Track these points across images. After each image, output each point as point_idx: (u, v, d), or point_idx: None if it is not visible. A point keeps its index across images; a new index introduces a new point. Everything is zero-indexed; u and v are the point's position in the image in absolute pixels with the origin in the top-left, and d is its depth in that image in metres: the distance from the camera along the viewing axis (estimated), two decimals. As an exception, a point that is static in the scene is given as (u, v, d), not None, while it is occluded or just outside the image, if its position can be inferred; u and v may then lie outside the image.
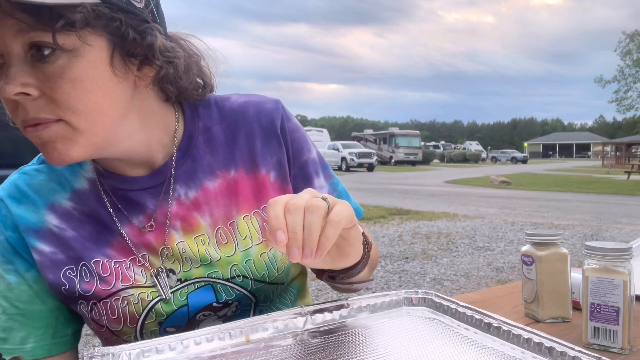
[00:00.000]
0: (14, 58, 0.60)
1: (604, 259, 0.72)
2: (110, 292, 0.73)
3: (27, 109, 0.62)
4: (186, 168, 0.77)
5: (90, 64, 0.62)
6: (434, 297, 0.79)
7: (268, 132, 0.81)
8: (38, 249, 0.74)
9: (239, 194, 0.79)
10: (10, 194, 0.76)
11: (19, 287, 0.74)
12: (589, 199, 12.14)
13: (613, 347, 0.72)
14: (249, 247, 0.77)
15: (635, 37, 33.31)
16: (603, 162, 41.35)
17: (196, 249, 0.76)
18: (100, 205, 0.77)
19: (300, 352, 0.64)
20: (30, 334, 0.74)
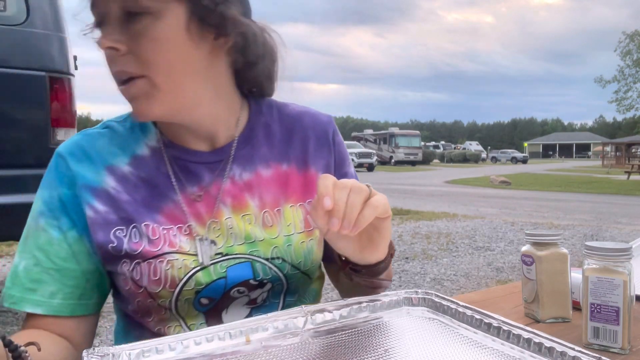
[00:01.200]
0: (111, 18, 0.72)
1: (604, 259, 0.72)
2: (156, 253, 0.76)
3: (117, 62, 0.72)
4: (245, 152, 0.85)
5: (168, 26, 0.72)
6: (434, 297, 0.79)
7: (321, 139, 0.91)
8: (93, 206, 0.77)
9: (289, 185, 0.86)
10: (72, 152, 0.80)
11: (59, 244, 0.77)
12: (589, 199, 12.15)
13: (613, 347, 0.72)
14: (291, 233, 0.83)
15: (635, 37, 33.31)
16: (603, 162, 41.36)
17: (242, 226, 0.81)
18: (158, 172, 0.81)
19: (300, 352, 0.64)
20: (60, 291, 0.77)
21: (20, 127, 2.75)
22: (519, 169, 35.17)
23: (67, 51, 2.90)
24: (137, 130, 0.84)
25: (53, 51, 2.83)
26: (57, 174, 0.80)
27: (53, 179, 0.80)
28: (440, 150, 63.48)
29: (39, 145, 2.77)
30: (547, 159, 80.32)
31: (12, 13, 2.70)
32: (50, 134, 2.81)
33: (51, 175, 0.81)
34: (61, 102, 2.84)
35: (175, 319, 0.79)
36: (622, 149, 38.57)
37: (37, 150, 2.78)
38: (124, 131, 0.84)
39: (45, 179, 0.82)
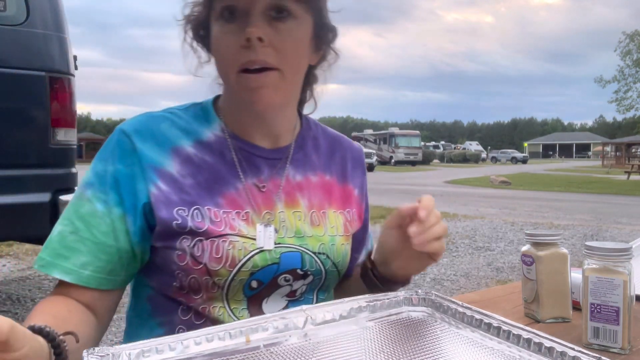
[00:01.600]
0: (258, 12, 0.78)
1: (604, 259, 0.73)
2: (220, 232, 0.80)
3: (257, 51, 0.77)
4: (299, 157, 0.93)
5: (304, 32, 0.82)
6: (434, 297, 0.79)
7: (356, 161, 1.03)
8: (157, 185, 0.80)
9: (332, 193, 0.95)
10: (138, 130, 0.83)
11: (102, 217, 0.79)
12: (589, 199, 12.15)
13: (613, 347, 0.72)
14: (335, 234, 0.91)
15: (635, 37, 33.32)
16: (603, 162, 41.38)
17: (293, 221, 0.88)
18: (222, 159, 0.86)
19: (300, 352, 0.64)
20: (91, 263, 0.78)
21: (20, 127, 2.75)
22: (519, 169, 35.18)
23: (67, 51, 2.90)
24: (200, 119, 0.88)
25: (53, 51, 2.83)
26: (118, 150, 0.81)
27: (111, 154, 0.82)
28: (440, 150, 63.49)
29: (39, 145, 2.77)
30: (547, 159, 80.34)
31: (12, 13, 2.70)
32: (50, 134, 2.81)
33: (110, 150, 0.82)
34: (61, 102, 2.84)
35: (221, 300, 0.82)
36: (622, 149, 38.58)
37: (37, 150, 2.78)
38: (187, 118, 0.88)
39: (103, 152, 0.83)
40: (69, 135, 2.91)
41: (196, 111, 0.89)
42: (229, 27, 0.79)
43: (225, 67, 0.81)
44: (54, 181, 2.83)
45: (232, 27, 0.78)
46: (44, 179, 2.78)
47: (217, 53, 0.82)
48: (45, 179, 2.79)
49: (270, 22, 0.78)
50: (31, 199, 2.72)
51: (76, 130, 3.01)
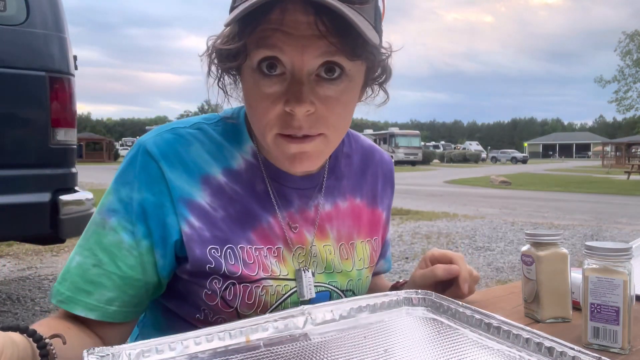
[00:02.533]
0: (304, 77, 0.67)
1: (604, 259, 0.72)
2: (254, 278, 0.76)
3: (302, 123, 0.67)
4: (330, 183, 0.86)
5: (355, 89, 0.73)
6: (434, 297, 0.79)
7: (387, 179, 0.96)
8: (190, 222, 0.73)
9: (360, 220, 0.89)
10: (165, 154, 0.74)
11: (129, 250, 0.72)
12: (589, 199, 12.15)
13: (613, 347, 0.72)
14: (361, 268, 0.88)
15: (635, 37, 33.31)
16: (603, 162, 41.37)
17: (325, 255, 0.83)
18: (252, 189, 0.79)
19: (300, 352, 0.64)
20: (118, 298, 0.72)
21: (20, 127, 2.75)
22: (519, 169, 35.18)
23: (67, 51, 2.90)
24: (231, 139, 0.80)
25: (53, 51, 2.83)
26: (143, 175, 0.73)
27: (136, 179, 0.73)
28: (440, 150, 63.49)
29: (39, 145, 2.77)
30: (547, 159, 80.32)
31: (12, 13, 2.70)
32: (50, 134, 2.80)
33: (135, 174, 0.73)
34: (61, 102, 2.84)
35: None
36: (622, 149, 38.57)
37: (37, 150, 2.78)
38: (218, 138, 0.79)
39: (126, 174, 0.74)
40: (69, 135, 2.91)
41: (227, 127, 0.80)
42: (269, 87, 0.68)
43: (262, 125, 0.70)
44: (54, 181, 2.83)
45: (272, 88, 0.68)
46: (44, 179, 2.78)
47: (250, 108, 0.72)
48: (45, 178, 2.78)
49: (320, 84, 0.68)
50: (31, 199, 2.71)
51: (76, 130, 3.01)
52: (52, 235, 2.82)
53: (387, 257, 1.05)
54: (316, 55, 0.66)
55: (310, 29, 0.64)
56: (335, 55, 0.66)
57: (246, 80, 0.72)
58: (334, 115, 0.70)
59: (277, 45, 0.65)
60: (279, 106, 0.67)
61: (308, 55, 0.66)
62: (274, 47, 0.66)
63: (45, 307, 3.59)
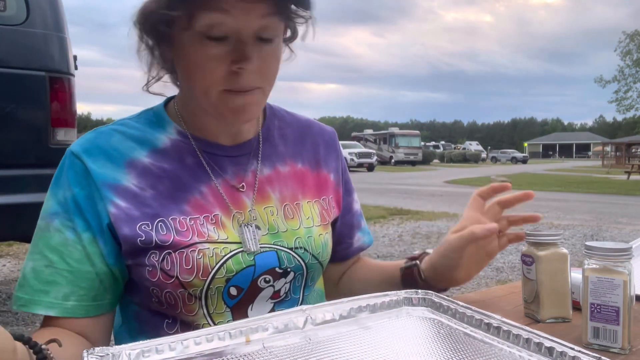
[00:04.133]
0: (249, 37, 0.73)
1: (604, 259, 0.72)
2: (187, 243, 0.77)
3: (246, 78, 0.74)
4: (265, 150, 0.89)
5: (281, 44, 0.80)
6: (434, 297, 0.79)
7: (329, 145, 0.99)
8: (115, 203, 0.77)
9: (304, 183, 0.92)
10: (87, 150, 0.79)
11: (74, 245, 0.76)
12: (589, 199, 12.14)
13: (613, 347, 0.72)
14: (311, 226, 0.88)
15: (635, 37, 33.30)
16: (603, 162, 41.35)
17: (266, 218, 0.85)
18: (181, 163, 0.82)
19: (300, 352, 0.64)
20: (74, 293, 0.76)
21: (20, 127, 2.75)
22: (519, 169, 35.17)
23: (67, 51, 2.90)
24: (153, 125, 0.85)
25: (53, 51, 2.83)
26: (71, 173, 0.79)
27: (66, 179, 0.79)
28: (440, 150, 63.45)
29: (39, 145, 2.77)
30: (547, 159, 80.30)
31: (12, 13, 2.70)
32: (50, 134, 2.81)
33: (64, 175, 0.79)
34: (61, 102, 2.84)
35: (203, 316, 0.80)
36: (622, 149, 38.56)
37: (37, 150, 2.78)
38: (139, 126, 0.84)
39: (57, 178, 0.80)
40: (69, 135, 2.91)
41: (148, 117, 0.86)
42: (215, 49, 0.73)
43: (206, 86, 0.75)
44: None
45: (218, 48, 0.73)
46: (44, 179, 2.77)
47: (195, 70, 0.75)
48: (45, 179, 2.77)
49: (259, 46, 0.75)
50: (31, 199, 2.71)
51: (76, 130, 3.01)
52: (52, 235, 2.81)
53: (362, 228, 1.04)
54: (258, 17, 0.72)
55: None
56: (271, 17, 0.73)
57: (186, 44, 0.75)
58: (271, 70, 0.78)
59: (223, 8, 0.70)
60: (225, 65, 0.73)
61: (253, 17, 0.72)
62: (220, 9, 0.70)
63: (45, 307, 3.59)
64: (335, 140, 1.01)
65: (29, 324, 3.27)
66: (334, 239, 0.97)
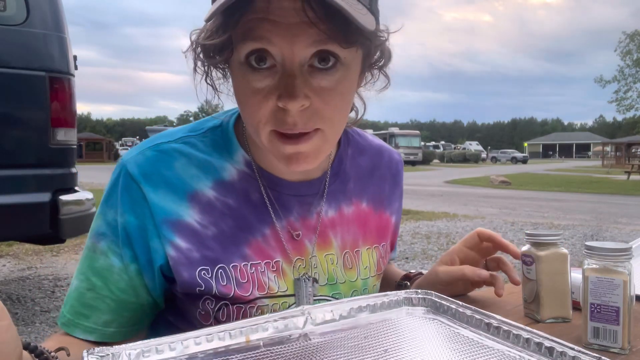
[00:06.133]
0: (296, 69, 0.61)
1: (604, 259, 0.72)
2: (247, 299, 0.72)
3: (296, 119, 0.62)
4: (334, 188, 0.80)
5: (352, 78, 0.66)
6: (434, 297, 0.79)
7: (395, 180, 0.90)
8: (175, 244, 0.70)
9: (366, 227, 0.84)
10: (147, 175, 0.71)
11: (119, 274, 0.72)
12: (589, 199, 12.14)
13: (613, 347, 0.72)
14: (367, 277, 0.83)
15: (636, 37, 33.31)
16: (603, 162, 41.36)
17: (326, 266, 0.79)
18: (246, 200, 0.74)
19: (300, 352, 0.64)
20: (115, 321, 0.73)
21: (20, 127, 2.75)
22: (519, 169, 35.17)
23: (67, 51, 2.90)
24: (221, 149, 0.75)
25: (53, 51, 2.83)
26: (125, 197, 0.71)
27: (119, 202, 0.71)
28: (440, 150, 63.45)
29: (39, 145, 2.77)
30: (547, 159, 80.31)
31: (12, 13, 2.70)
32: (50, 134, 2.80)
33: (117, 196, 0.71)
34: (61, 102, 2.84)
35: None
36: (622, 149, 38.56)
37: (37, 150, 2.78)
38: (205, 148, 0.75)
39: (110, 196, 0.72)
40: (69, 135, 2.91)
41: (215, 138, 0.76)
42: (259, 82, 0.63)
43: (255, 123, 0.65)
44: (54, 181, 2.83)
45: (263, 82, 0.63)
46: (44, 179, 2.78)
47: (242, 104, 0.67)
48: (45, 179, 2.79)
49: (313, 75, 0.63)
50: (31, 199, 2.72)
51: (76, 130, 3.01)
52: (52, 235, 2.82)
53: (395, 247, 1.01)
54: (307, 45, 0.61)
55: (298, 16, 0.59)
56: (327, 43, 0.61)
57: (235, 74, 0.67)
58: (330, 107, 0.64)
59: (264, 37, 0.61)
60: (271, 101, 0.63)
61: (298, 45, 0.61)
62: (261, 38, 0.61)
63: (45, 307, 3.60)
64: (401, 173, 0.92)
65: (28, 324, 3.27)
66: None
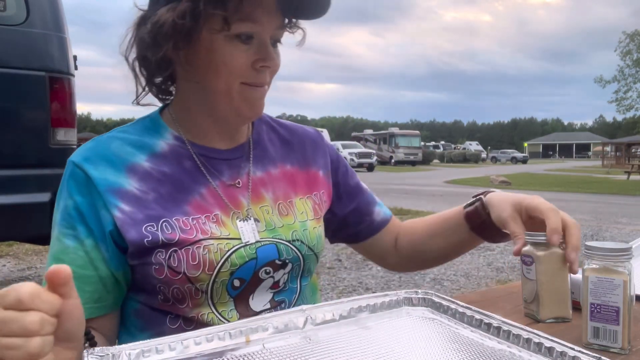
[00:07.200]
0: (270, 43, 0.84)
1: (604, 259, 0.73)
2: (193, 240, 0.81)
3: (265, 75, 0.85)
4: (257, 153, 0.95)
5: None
6: (434, 297, 0.79)
7: (315, 144, 1.05)
8: (120, 208, 0.80)
9: (295, 182, 0.97)
10: (87, 158, 0.83)
11: (75, 252, 0.80)
12: (589, 199, 12.15)
13: (613, 347, 0.72)
14: (305, 220, 0.94)
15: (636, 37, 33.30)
16: (603, 162, 41.36)
17: (262, 216, 0.90)
18: (181, 167, 0.87)
19: (300, 352, 0.64)
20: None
21: (20, 127, 2.75)
22: (519, 169, 35.18)
23: (67, 51, 2.90)
24: (150, 131, 0.89)
25: (53, 51, 2.83)
26: (72, 182, 0.82)
27: (68, 188, 0.82)
28: (440, 150, 63.47)
29: (39, 145, 2.77)
30: (547, 159, 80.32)
31: (12, 13, 2.70)
32: (50, 134, 2.80)
33: (65, 185, 0.83)
34: (61, 102, 2.84)
35: (207, 306, 0.83)
36: (622, 149, 38.57)
37: (37, 150, 2.78)
38: (136, 132, 0.89)
39: (60, 188, 0.84)
40: (69, 135, 2.91)
41: (145, 124, 0.90)
42: (244, 49, 0.82)
43: (230, 79, 0.83)
44: (54, 181, 2.81)
45: (246, 49, 0.82)
46: (43, 179, 2.78)
47: (223, 66, 0.82)
48: (45, 179, 2.78)
49: (272, 47, 0.85)
50: (31, 199, 2.72)
51: (76, 130, 3.01)
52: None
53: (379, 203, 1.12)
54: (278, 27, 0.85)
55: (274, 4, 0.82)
56: (283, 29, 0.86)
57: (216, 43, 0.81)
58: (277, 68, 0.87)
59: (258, 20, 0.81)
60: (249, 61, 0.82)
61: (273, 25, 0.83)
62: (256, 21, 0.81)
63: (45, 307, 3.59)
64: (320, 139, 1.07)
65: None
66: (355, 220, 1.07)
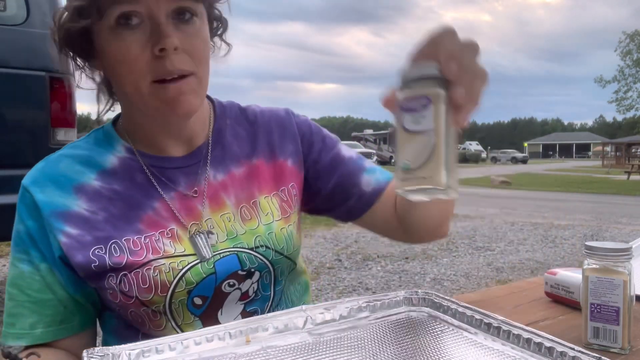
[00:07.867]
0: (162, 19, 0.71)
1: (604, 259, 0.72)
2: (141, 262, 0.76)
3: (173, 61, 0.71)
4: (217, 153, 0.87)
5: (206, 30, 0.78)
6: (434, 297, 0.79)
7: (283, 127, 0.93)
8: (65, 232, 0.76)
9: (260, 178, 0.88)
10: (35, 181, 0.80)
11: (31, 277, 0.77)
12: (589, 199, 12.14)
13: (613, 347, 0.72)
14: (270, 221, 0.86)
15: (636, 37, 33.31)
16: (603, 162, 41.34)
17: (223, 225, 0.83)
18: (131, 182, 0.81)
19: (300, 352, 0.64)
20: (40, 321, 0.77)
21: (20, 127, 2.75)
22: (519, 169, 35.17)
23: (67, 51, 2.90)
24: (102, 143, 0.84)
25: (53, 51, 2.82)
26: (23, 206, 0.80)
27: (19, 212, 0.80)
28: (440, 150, 63.19)
29: (39, 145, 2.77)
30: (547, 159, 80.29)
31: (12, 13, 2.70)
32: (50, 134, 2.80)
33: (18, 209, 0.81)
34: (61, 102, 2.84)
35: (171, 328, 0.79)
36: (622, 149, 38.55)
37: (37, 150, 2.78)
38: (87, 146, 0.84)
39: (16, 212, 0.81)
40: (69, 135, 2.91)
41: (97, 136, 0.85)
42: (132, 36, 0.71)
43: (134, 79, 0.73)
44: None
45: (135, 36, 0.71)
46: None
47: (120, 65, 0.73)
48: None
49: (178, 26, 0.73)
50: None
51: (76, 130, 3.01)
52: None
53: (367, 169, 0.96)
54: (165, 2, 0.71)
55: None
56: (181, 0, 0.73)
57: (107, 42, 0.73)
58: (199, 50, 0.75)
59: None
60: (147, 51, 0.71)
61: (159, 4, 0.71)
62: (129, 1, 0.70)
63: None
64: (288, 118, 0.95)
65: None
66: (342, 197, 0.92)
